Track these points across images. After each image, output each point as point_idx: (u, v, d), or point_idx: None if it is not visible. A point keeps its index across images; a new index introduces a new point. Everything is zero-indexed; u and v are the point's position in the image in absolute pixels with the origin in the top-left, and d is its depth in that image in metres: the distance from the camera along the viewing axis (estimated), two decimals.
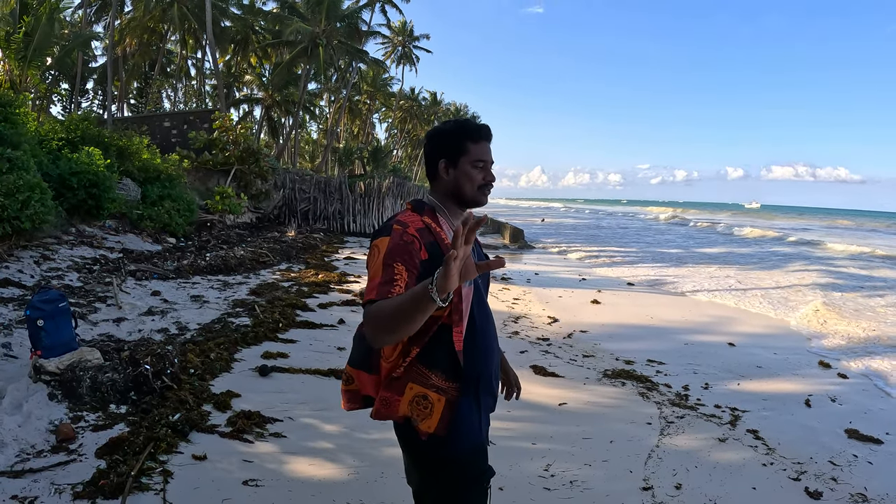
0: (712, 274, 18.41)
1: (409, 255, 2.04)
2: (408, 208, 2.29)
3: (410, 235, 2.09)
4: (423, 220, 2.19)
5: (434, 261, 2.06)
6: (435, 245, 2.13)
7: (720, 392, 6.95)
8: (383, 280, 1.98)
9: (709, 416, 6.08)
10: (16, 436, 4.46)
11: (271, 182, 28.16)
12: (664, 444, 5.29)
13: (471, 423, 2.21)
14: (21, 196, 10.02)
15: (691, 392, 6.86)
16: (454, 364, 2.16)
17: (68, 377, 5.27)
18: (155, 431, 4.63)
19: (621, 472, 4.71)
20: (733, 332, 10.34)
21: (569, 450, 5.06)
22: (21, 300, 8.31)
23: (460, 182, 2.28)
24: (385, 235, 2.10)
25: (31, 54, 21.74)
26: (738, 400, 6.65)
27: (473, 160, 2.27)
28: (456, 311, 2.13)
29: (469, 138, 2.28)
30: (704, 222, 59.05)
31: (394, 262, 2.01)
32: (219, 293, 10.59)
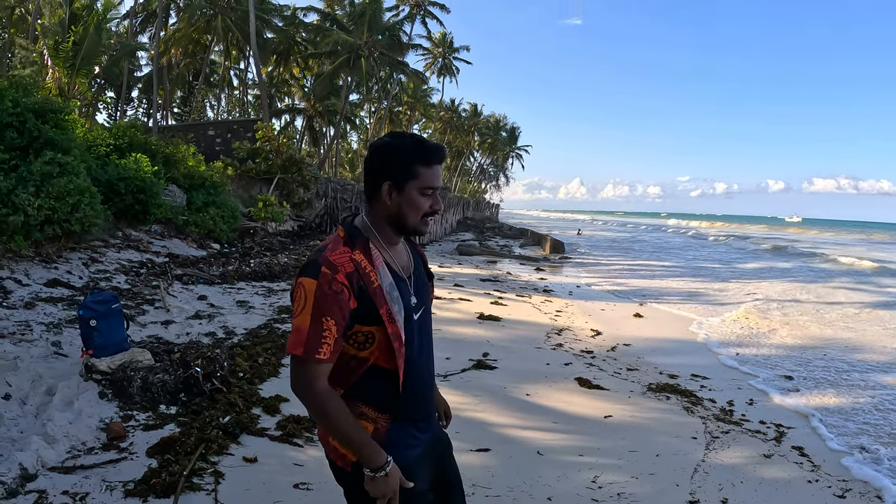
0: (768, 290, 18.07)
1: (339, 307, 1.91)
2: (339, 237, 2.06)
3: (339, 284, 1.91)
4: (352, 260, 1.98)
5: (363, 307, 1.95)
6: (363, 290, 1.96)
7: (765, 408, 6.82)
8: (311, 334, 1.88)
9: (754, 431, 5.95)
10: (67, 432, 4.46)
11: (313, 191, 28.31)
12: (710, 458, 5.21)
13: (394, 446, 2.07)
14: (71, 199, 10.14)
15: (736, 407, 6.72)
16: (386, 399, 2.08)
17: (119, 377, 5.27)
18: (206, 433, 4.61)
19: (668, 485, 4.65)
20: (774, 343, 10.17)
21: (615, 462, 5.00)
22: (70, 300, 8.39)
23: (404, 210, 2.06)
24: (311, 277, 1.92)
25: (80, 63, 22.15)
26: (782, 416, 6.50)
27: (423, 186, 2.04)
28: (392, 354, 2.02)
29: (422, 161, 2.03)
30: (773, 242, 48.13)
31: (323, 316, 1.89)
32: (264, 299, 10.60)
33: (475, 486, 4.29)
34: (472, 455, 4.89)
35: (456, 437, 5.09)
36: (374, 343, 2.01)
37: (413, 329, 2.11)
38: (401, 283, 2.09)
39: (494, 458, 4.91)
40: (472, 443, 5.13)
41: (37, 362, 5.85)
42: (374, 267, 2.01)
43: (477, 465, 4.70)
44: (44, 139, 10.39)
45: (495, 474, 4.58)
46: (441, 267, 19.14)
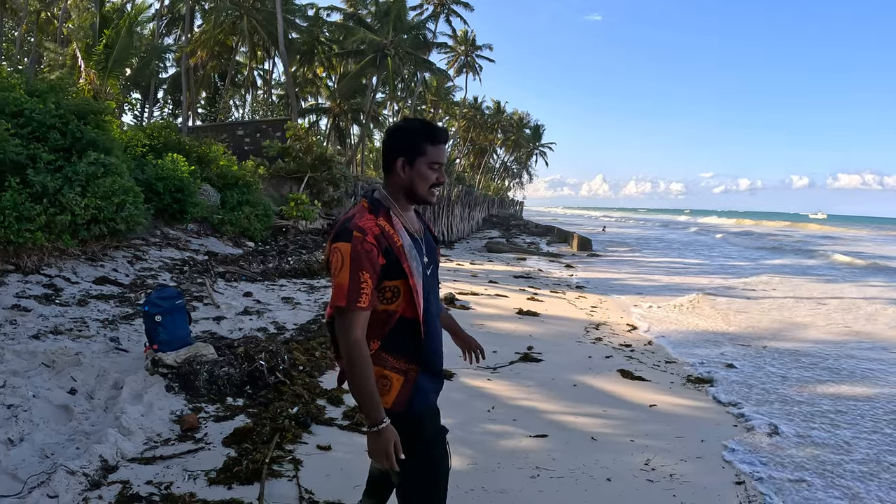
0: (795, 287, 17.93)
1: (371, 263, 2.25)
2: (364, 206, 2.42)
3: (370, 244, 2.26)
4: (378, 225, 2.33)
5: (389, 264, 2.31)
6: (389, 249, 2.32)
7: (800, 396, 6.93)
8: (351, 287, 2.22)
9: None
10: (141, 424, 4.52)
11: (342, 189, 28.40)
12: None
13: (423, 392, 2.46)
14: (116, 199, 10.24)
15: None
16: (412, 349, 2.43)
17: (186, 370, 5.33)
18: (278, 423, 4.68)
19: (716, 467, 4.82)
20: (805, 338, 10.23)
21: (664, 446, 5.15)
22: (120, 298, 8.50)
23: (415, 181, 2.43)
24: (346, 241, 2.26)
25: (112, 65, 22.34)
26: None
27: (430, 161, 2.43)
28: (414, 305, 2.38)
29: (429, 140, 2.42)
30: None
31: (359, 271, 2.23)
32: (307, 295, 10.67)
33: (539, 469, 4.52)
34: (532, 440, 5.11)
35: (514, 423, 5.50)
36: (400, 296, 2.37)
37: (427, 282, 2.47)
38: (416, 244, 2.45)
39: (553, 443, 5.08)
40: (530, 429, 5.35)
41: (99, 357, 5.93)
42: (396, 230, 2.37)
43: (538, 450, 4.91)
44: (86, 140, 10.47)
45: (556, 458, 4.76)
46: (473, 264, 19.16)
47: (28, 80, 11.32)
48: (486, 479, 4.28)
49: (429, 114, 69.19)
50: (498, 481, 4.27)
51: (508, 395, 6.27)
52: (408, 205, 2.51)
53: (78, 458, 3.85)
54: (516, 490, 4.16)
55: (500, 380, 6.78)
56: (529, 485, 4.27)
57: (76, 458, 3.87)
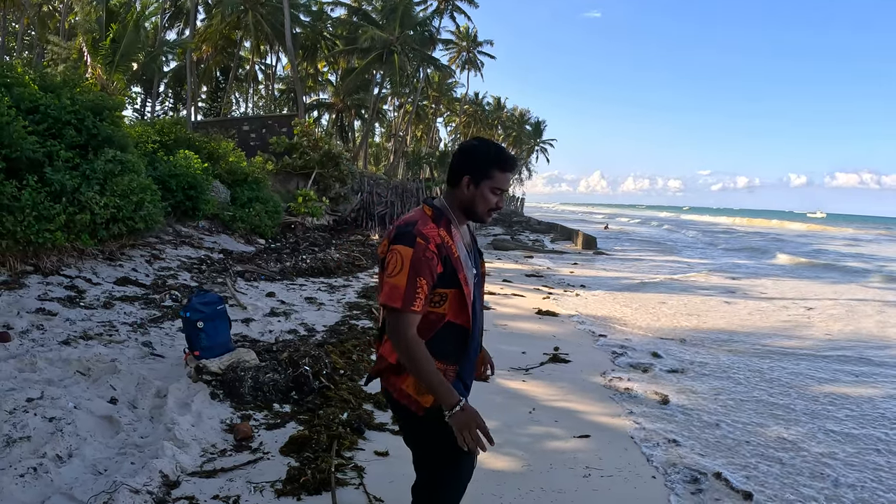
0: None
1: (430, 270, 2.37)
2: (427, 214, 2.53)
3: (432, 252, 2.38)
4: (440, 235, 2.45)
5: (446, 273, 2.43)
6: (447, 259, 2.44)
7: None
8: (408, 290, 2.34)
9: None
10: (194, 435, 4.40)
11: (349, 186, 28.29)
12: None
13: (458, 390, 2.49)
14: (135, 197, 10.09)
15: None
16: (454, 352, 2.54)
17: (230, 377, 5.22)
18: (333, 430, 4.62)
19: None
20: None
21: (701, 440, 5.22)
22: (145, 299, 8.37)
23: (476, 201, 2.56)
24: (408, 245, 2.38)
25: (118, 60, 22.14)
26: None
27: (494, 186, 2.55)
28: (465, 315, 2.52)
29: (498, 166, 2.54)
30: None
31: (418, 276, 2.34)
32: (329, 295, 10.55)
33: (589, 468, 4.62)
34: (576, 441, 5.18)
35: (556, 424, 5.57)
36: (447, 301, 2.48)
37: (475, 292, 2.60)
38: (469, 255, 2.58)
39: (596, 443, 5.15)
40: (573, 430, 5.42)
41: (135, 364, 5.80)
42: (454, 241, 2.50)
43: (585, 450, 4.99)
44: (102, 137, 10.29)
45: (602, 457, 4.85)
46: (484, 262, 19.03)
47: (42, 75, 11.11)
48: (542, 480, 4.36)
49: (430, 109, 69.09)
50: (554, 481, 4.35)
51: (545, 397, 6.28)
52: (464, 218, 2.62)
53: (137, 475, 3.71)
54: (572, 490, 4.26)
55: (534, 381, 6.82)
56: (583, 484, 4.36)
57: (134, 474, 3.74)
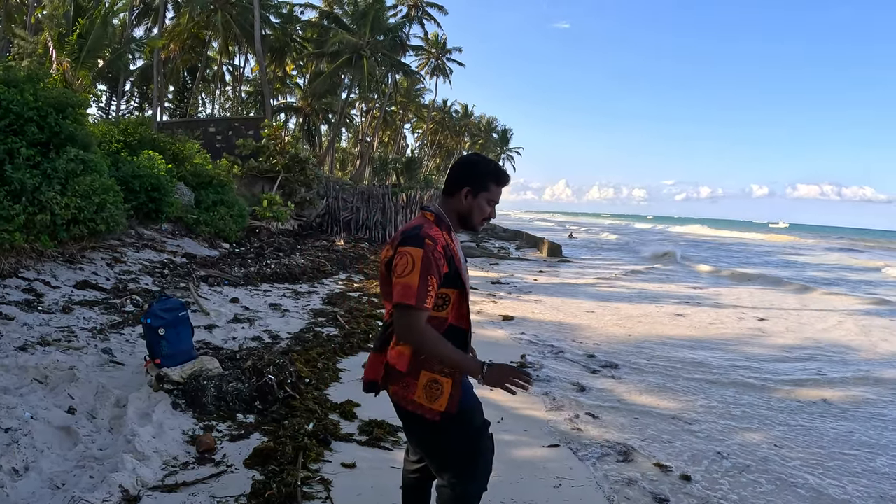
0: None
1: (438, 269, 2.53)
2: (430, 219, 2.72)
3: (439, 253, 2.55)
4: (444, 237, 2.63)
5: (450, 273, 2.60)
6: (451, 259, 2.61)
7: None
8: (420, 288, 2.47)
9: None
10: (155, 448, 4.29)
11: (315, 190, 28.10)
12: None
13: (468, 389, 2.78)
14: (97, 198, 9.88)
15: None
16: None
17: (192, 386, 5.10)
18: (299, 441, 4.53)
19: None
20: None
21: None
22: (105, 304, 8.19)
23: (473, 211, 2.77)
24: (417, 246, 2.52)
25: (84, 56, 21.72)
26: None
27: (490, 199, 2.78)
28: (465, 315, 2.72)
29: (495, 181, 2.77)
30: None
31: (428, 274, 2.49)
32: (294, 301, 10.43)
33: (560, 479, 4.62)
34: (545, 450, 5.20)
35: (526, 433, 5.59)
36: (449, 304, 2.65)
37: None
38: (464, 259, 2.79)
39: (565, 452, 5.21)
40: (541, 439, 5.46)
41: (94, 372, 5.65)
42: (455, 244, 2.71)
43: (554, 459, 5.02)
44: (64, 135, 10.01)
45: (572, 467, 4.88)
46: None
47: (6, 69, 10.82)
48: (513, 491, 4.34)
49: (398, 115, 68.98)
50: (524, 492, 4.35)
51: (514, 405, 6.21)
52: (458, 226, 2.81)
53: (96, 490, 3.60)
54: (543, 500, 4.27)
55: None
56: (554, 495, 4.36)
57: (93, 489, 3.62)
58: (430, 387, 2.64)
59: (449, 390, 2.65)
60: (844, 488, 4.91)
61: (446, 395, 2.64)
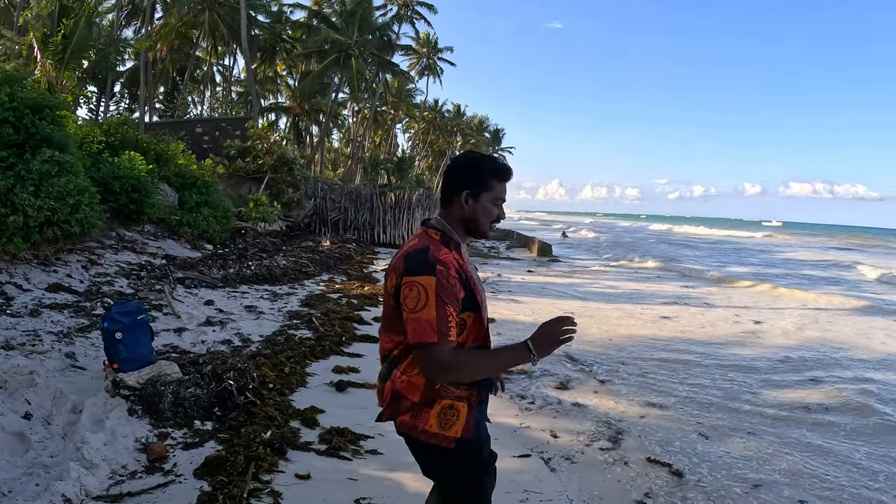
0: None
1: (455, 297, 2.25)
2: (436, 238, 2.40)
3: (454, 278, 2.27)
4: (455, 259, 2.34)
5: (467, 297, 2.33)
6: (467, 282, 2.34)
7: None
8: (440, 322, 2.20)
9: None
10: (104, 455, 4.20)
11: (302, 191, 28.00)
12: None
13: (482, 421, 2.49)
14: (71, 200, 9.80)
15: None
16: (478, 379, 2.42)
17: (149, 392, 5.01)
18: (252, 450, 4.40)
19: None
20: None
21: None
22: (76, 307, 8.10)
23: (478, 216, 2.45)
24: (429, 275, 2.23)
25: (69, 57, 21.59)
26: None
27: (495, 198, 2.46)
28: (483, 336, 2.45)
29: (497, 177, 2.46)
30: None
31: (445, 304, 2.21)
32: (271, 304, 10.35)
33: (528, 492, 4.43)
34: (516, 461, 4.98)
35: (496, 443, 5.18)
36: (466, 328, 2.36)
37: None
38: (477, 276, 2.51)
39: (536, 463, 5.02)
40: (513, 448, 5.21)
41: (54, 376, 5.57)
42: (466, 263, 2.40)
43: (523, 471, 4.81)
44: (41, 136, 9.99)
45: (542, 479, 4.70)
46: None
47: None
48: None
49: (389, 115, 68.79)
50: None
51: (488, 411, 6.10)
52: (465, 236, 2.50)
53: (39, 498, 3.52)
54: None
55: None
56: None
57: (36, 497, 3.54)
58: (445, 413, 2.38)
59: (465, 415, 2.40)
60: None
61: (462, 421, 2.39)
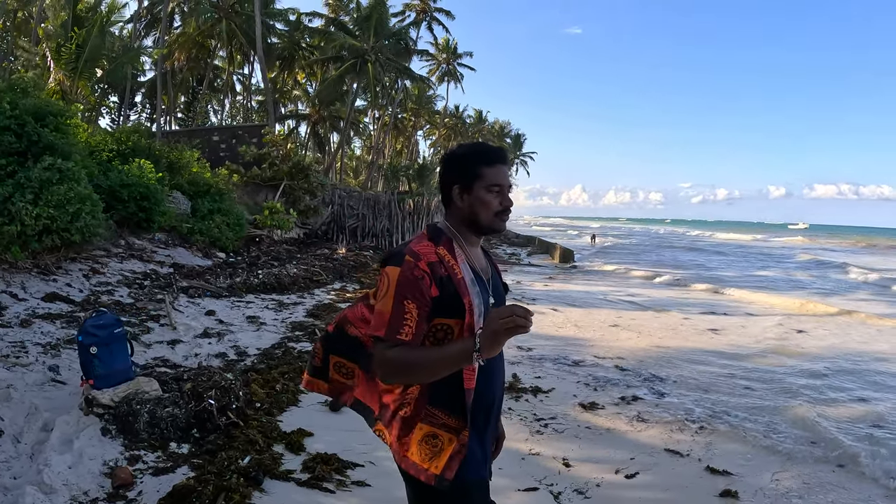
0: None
1: (420, 292, 2.01)
2: (423, 234, 2.19)
3: (421, 271, 2.02)
4: (437, 253, 2.10)
5: (445, 297, 2.04)
6: (448, 281, 2.06)
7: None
8: (393, 317, 1.98)
9: None
10: (66, 480, 3.88)
11: (319, 198, 27.78)
12: None
13: (475, 460, 2.13)
14: (71, 208, 9.61)
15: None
16: (463, 401, 2.08)
17: (124, 411, 4.67)
18: (225, 479, 4.00)
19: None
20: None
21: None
22: (70, 317, 7.83)
23: (476, 209, 2.19)
24: (396, 265, 2.04)
25: (82, 66, 21.67)
26: None
27: (489, 185, 2.18)
28: None
29: (483, 162, 2.19)
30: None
31: (404, 298, 2.00)
32: (275, 314, 10.05)
33: None
34: (520, 495, 4.41)
35: (499, 473, 4.46)
36: (452, 338, 2.06)
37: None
38: (480, 281, 2.16)
39: (544, 498, 4.41)
40: (518, 480, 4.61)
41: (32, 391, 5.27)
42: (457, 261, 2.11)
43: None
44: (43, 143, 9.87)
45: None
46: None
47: None
48: None
49: (410, 122, 68.71)
50: None
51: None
52: (474, 237, 2.25)
53: None
54: None
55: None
56: None
57: None
58: (427, 441, 2.10)
59: (450, 451, 2.09)
60: None
61: (445, 456, 2.08)
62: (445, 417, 2.09)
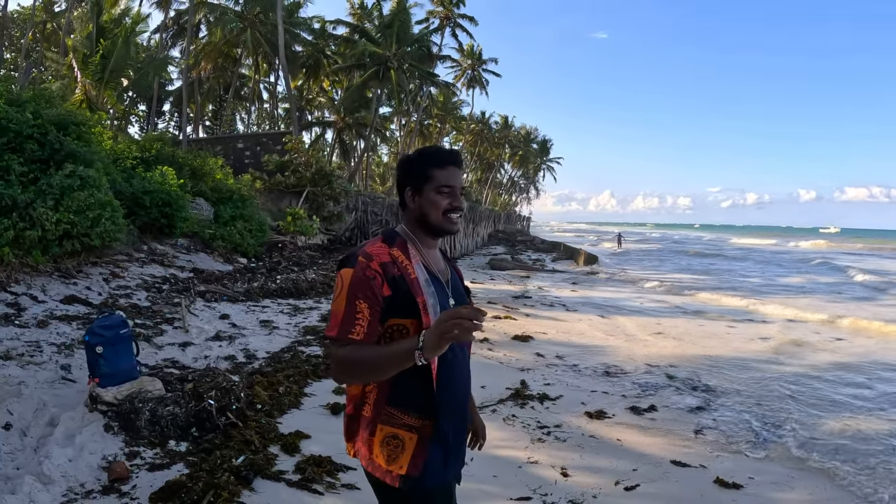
0: None
1: (371, 291, 2.03)
2: (379, 238, 2.21)
3: (373, 270, 2.05)
4: (390, 254, 2.12)
5: (398, 297, 2.06)
6: (400, 280, 2.08)
7: None
8: (345, 317, 2.00)
9: None
10: (65, 472, 4.03)
11: (343, 204, 27.99)
12: None
13: (438, 464, 2.13)
14: (91, 213, 9.83)
15: None
16: (424, 402, 2.10)
17: (126, 409, 4.82)
18: (216, 477, 4.09)
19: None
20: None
21: None
22: (86, 319, 8.02)
23: (425, 209, 2.21)
24: (349, 267, 2.07)
25: (108, 76, 22.08)
26: None
27: (438, 186, 2.20)
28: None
29: (434, 164, 2.22)
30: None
31: (356, 298, 2.02)
32: (289, 318, 10.19)
33: None
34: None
35: (494, 481, 4.63)
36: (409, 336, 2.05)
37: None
38: (436, 282, 2.18)
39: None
40: (512, 489, 4.56)
41: (42, 388, 5.45)
42: (411, 262, 2.13)
43: None
44: (65, 151, 10.10)
45: None
46: (473, 283, 18.54)
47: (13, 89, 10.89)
48: None
49: (435, 128, 68.88)
50: None
51: (492, 443, 5.46)
52: (429, 240, 2.27)
53: None
54: None
55: (485, 421, 5.94)
56: None
57: None
58: (389, 443, 2.10)
59: (412, 449, 2.10)
60: None
61: (408, 455, 2.10)
62: (405, 417, 2.11)
